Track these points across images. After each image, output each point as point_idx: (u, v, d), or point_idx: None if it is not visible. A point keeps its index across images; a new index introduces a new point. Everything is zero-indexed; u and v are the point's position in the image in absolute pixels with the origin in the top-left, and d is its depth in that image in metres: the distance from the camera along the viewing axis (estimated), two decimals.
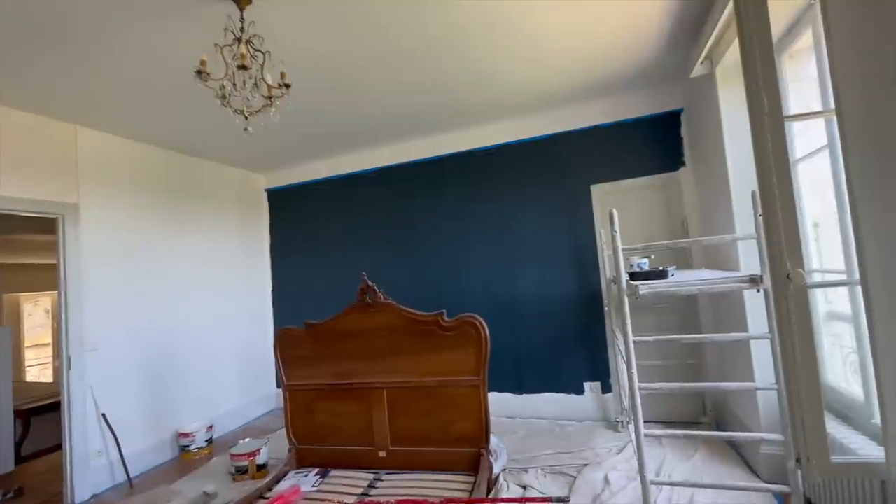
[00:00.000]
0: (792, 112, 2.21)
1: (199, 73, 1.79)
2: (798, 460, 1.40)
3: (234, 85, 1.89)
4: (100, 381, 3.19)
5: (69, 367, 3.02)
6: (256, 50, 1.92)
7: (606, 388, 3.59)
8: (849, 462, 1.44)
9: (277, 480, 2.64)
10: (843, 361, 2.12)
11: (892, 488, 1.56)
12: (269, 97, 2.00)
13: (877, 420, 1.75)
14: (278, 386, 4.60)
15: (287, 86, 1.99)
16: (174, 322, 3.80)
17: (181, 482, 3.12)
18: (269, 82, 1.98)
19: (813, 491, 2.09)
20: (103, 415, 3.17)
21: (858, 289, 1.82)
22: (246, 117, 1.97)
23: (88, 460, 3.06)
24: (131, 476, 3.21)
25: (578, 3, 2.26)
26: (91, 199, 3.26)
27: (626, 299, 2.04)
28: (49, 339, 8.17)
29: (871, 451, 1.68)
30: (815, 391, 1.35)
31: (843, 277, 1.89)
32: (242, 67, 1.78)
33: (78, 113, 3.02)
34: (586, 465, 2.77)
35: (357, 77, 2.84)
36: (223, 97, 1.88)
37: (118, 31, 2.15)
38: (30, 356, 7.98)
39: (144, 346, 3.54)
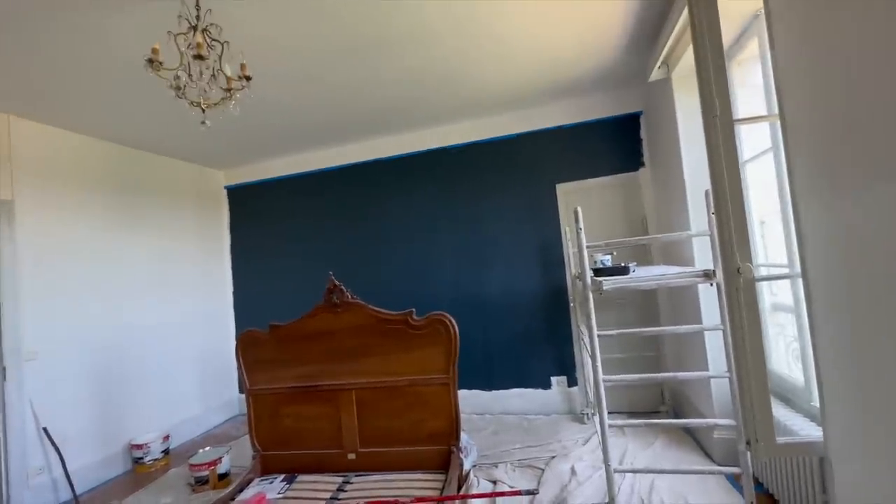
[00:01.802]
0: (740, 116, 2.34)
1: (150, 61, 1.68)
2: (748, 442, 1.50)
3: (190, 76, 1.79)
4: (40, 393, 2.94)
5: (4, 378, 2.77)
6: (214, 39, 1.83)
7: (572, 382, 3.69)
8: (792, 442, 1.55)
9: (241, 489, 2.54)
10: (786, 349, 2.29)
11: (830, 465, 1.70)
12: (229, 89, 1.91)
13: (816, 403, 1.89)
14: (241, 391, 4.42)
15: (248, 78, 1.91)
16: (125, 327, 3.57)
17: (135, 496, 2.94)
18: (229, 74, 1.89)
19: (761, 471, 2.24)
20: (44, 429, 2.93)
21: (800, 281, 1.97)
22: (203, 110, 1.87)
23: (28, 479, 2.82)
24: (78, 493, 2.99)
25: (544, 5, 2.30)
26: (28, 195, 3.00)
27: (590, 295, 2.11)
28: None
29: (810, 431, 1.82)
30: (762, 377, 1.45)
31: (787, 271, 2.03)
32: (199, 57, 1.69)
33: (9, 101, 2.76)
34: (554, 457, 2.84)
35: (322, 72, 2.77)
36: (177, 88, 1.78)
37: (60, 13, 1.98)
38: None
39: (91, 354, 3.30)
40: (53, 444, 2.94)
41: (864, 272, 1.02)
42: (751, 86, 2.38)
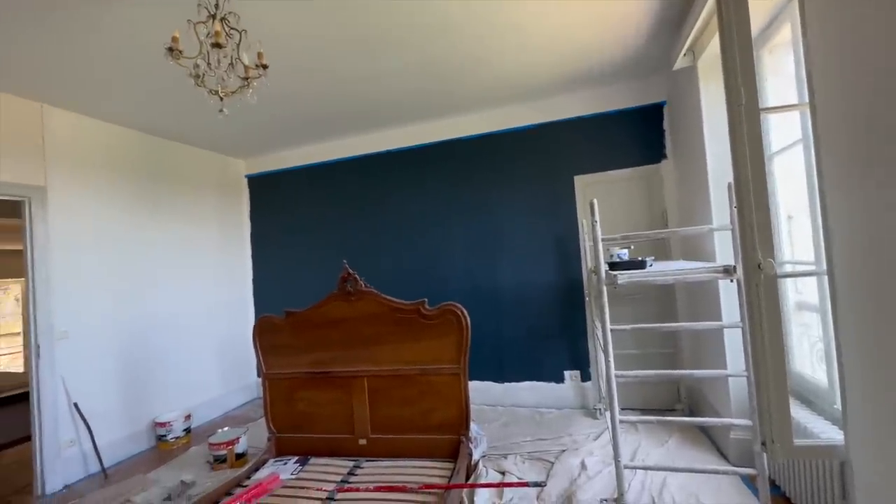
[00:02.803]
0: (769, 105, 2.24)
1: (170, 50, 1.72)
2: (763, 443, 1.45)
3: (209, 64, 1.82)
4: (72, 370, 3.10)
5: (38, 356, 2.92)
6: (232, 28, 1.85)
7: (586, 377, 3.65)
8: (811, 445, 1.50)
9: (256, 469, 2.63)
10: (810, 349, 2.20)
11: (851, 470, 1.63)
12: (246, 78, 1.93)
13: (839, 405, 1.82)
14: (259, 375, 4.55)
15: (264, 66, 1.93)
16: (151, 309, 3.71)
17: (158, 471, 3.07)
18: (246, 63, 1.91)
19: (778, 473, 2.18)
20: (75, 404, 3.08)
21: (826, 279, 1.88)
22: (221, 98, 1.90)
23: (60, 450, 2.98)
24: (106, 466, 3.15)
25: None
26: (60, 182, 3.13)
27: (604, 288, 2.07)
28: (20, 329, 7.90)
29: (832, 434, 1.75)
30: (781, 376, 1.40)
31: (813, 269, 1.95)
32: (217, 46, 1.71)
33: (44, 91, 2.87)
34: (564, 451, 2.83)
35: (338, 62, 2.78)
36: (197, 76, 1.81)
37: (89, 4, 2.04)
38: (1, 345, 7.72)
39: (119, 334, 3.45)
40: (83, 418, 3.09)
41: (894, 271, 0.97)
42: (784, 75, 2.27)
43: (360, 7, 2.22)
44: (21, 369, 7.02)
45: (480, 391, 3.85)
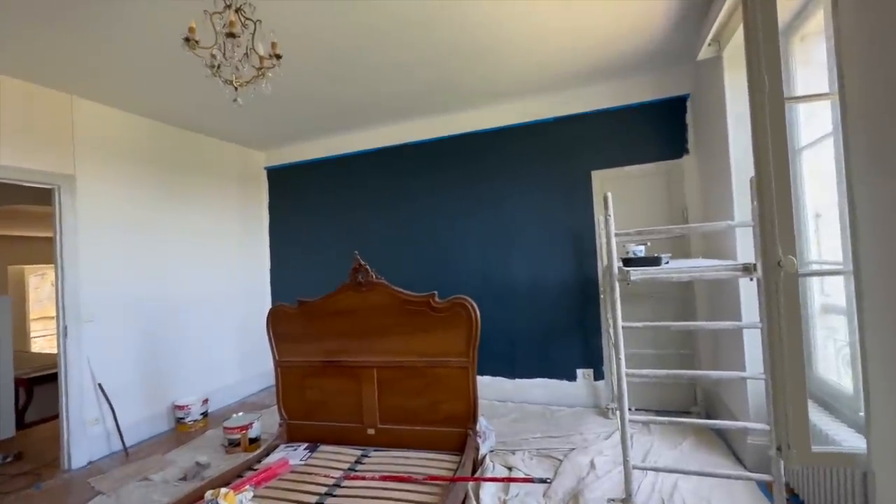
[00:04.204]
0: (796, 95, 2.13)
1: (186, 40, 1.75)
2: (779, 448, 1.39)
3: (224, 54, 1.85)
4: (97, 352, 3.23)
5: (65, 337, 3.06)
6: (247, 18, 1.87)
7: (599, 376, 3.59)
8: (830, 451, 1.43)
9: (267, 453, 2.68)
10: (836, 354, 2.10)
11: (873, 480, 1.55)
12: (261, 68, 1.96)
13: (864, 413, 1.73)
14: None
15: (278, 56, 1.94)
16: (172, 296, 3.83)
17: (175, 452, 3.18)
18: (261, 53, 1.93)
19: (797, 481, 2.09)
20: (100, 385, 3.22)
21: (853, 279, 1.78)
22: (235, 88, 1.93)
23: (85, 428, 3.12)
24: (127, 445, 3.28)
25: None
26: (88, 170, 3.25)
27: (616, 284, 2.02)
28: (54, 312, 8.31)
29: (855, 443, 1.66)
30: (799, 379, 1.33)
31: (840, 268, 1.85)
32: (231, 35, 1.73)
33: (73, 83, 2.98)
34: (573, 449, 2.79)
35: (353, 52, 2.78)
36: (212, 66, 1.84)
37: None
38: (38, 328, 8.13)
39: (142, 319, 3.57)
40: (107, 398, 3.23)
41: None
42: (815, 64, 2.15)
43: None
44: (54, 351, 7.38)
45: (491, 386, 3.84)
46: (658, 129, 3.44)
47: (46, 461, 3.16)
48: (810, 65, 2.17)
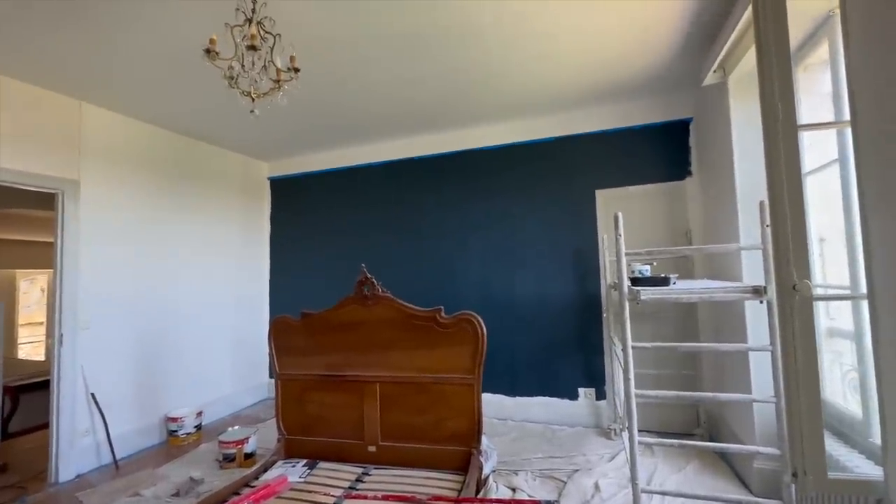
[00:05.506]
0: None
1: (207, 51, 1.77)
2: (794, 474, 1.38)
3: (243, 66, 1.87)
4: (91, 361, 3.16)
5: (61, 345, 2.99)
6: (267, 32, 1.90)
7: (601, 395, 3.56)
8: (846, 479, 1.42)
9: (265, 469, 2.61)
10: (842, 378, 2.10)
11: None
12: (278, 81, 1.98)
13: (875, 439, 1.72)
14: (271, 376, 4.57)
15: (296, 70, 1.97)
16: (169, 305, 3.77)
17: (167, 466, 3.08)
18: (279, 66, 1.95)
19: None
20: (92, 394, 3.14)
21: (861, 305, 1.80)
22: (253, 99, 1.94)
23: (75, 440, 3.03)
24: (117, 458, 3.18)
25: (592, 3, 2.24)
26: (92, 176, 3.23)
27: (626, 304, 2.02)
28: (43, 319, 8.13)
29: (867, 469, 1.66)
30: (815, 404, 1.33)
31: (848, 293, 1.87)
32: (252, 48, 1.76)
33: (83, 89, 2.99)
34: (577, 470, 2.75)
35: (363, 67, 2.82)
36: (231, 78, 1.86)
37: (126, 6, 2.12)
38: (23, 334, 7.95)
39: (137, 328, 3.51)
40: (99, 409, 3.14)
41: None
42: (818, 94, 2.22)
43: (385, 10, 2.25)
44: (42, 358, 7.21)
45: (491, 404, 3.79)
46: (661, 150, 3.50)
47: (32, 473, 3.05)
48: (813, 94, 2.23)
